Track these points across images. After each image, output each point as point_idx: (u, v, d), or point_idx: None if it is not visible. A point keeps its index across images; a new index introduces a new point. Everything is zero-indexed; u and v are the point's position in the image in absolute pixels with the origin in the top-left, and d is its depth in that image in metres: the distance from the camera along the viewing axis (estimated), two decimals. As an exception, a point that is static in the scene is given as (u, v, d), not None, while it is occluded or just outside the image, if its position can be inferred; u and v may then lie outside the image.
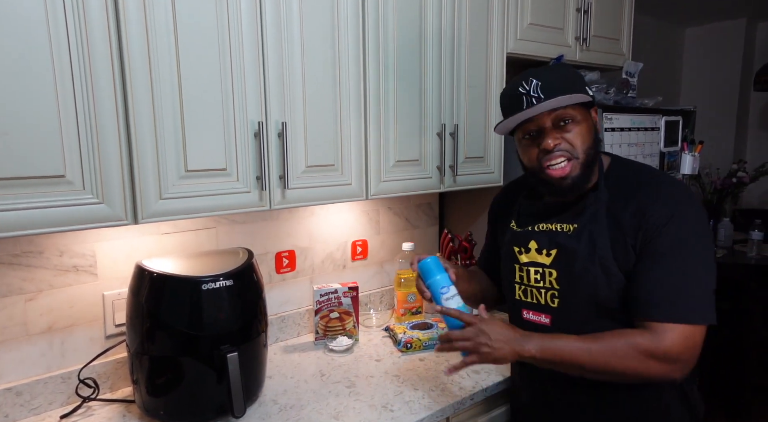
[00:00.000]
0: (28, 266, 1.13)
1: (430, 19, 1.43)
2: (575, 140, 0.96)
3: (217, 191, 1.09)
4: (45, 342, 1.17)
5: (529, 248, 1.06)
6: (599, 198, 0.98)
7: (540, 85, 0.94)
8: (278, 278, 1.56)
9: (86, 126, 0.92)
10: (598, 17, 1.90)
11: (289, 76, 1.18)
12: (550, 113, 0.95)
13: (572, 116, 0.96)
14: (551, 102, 0.92)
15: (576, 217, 1.00)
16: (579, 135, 0.96)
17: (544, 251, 1.03)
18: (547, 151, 0.96)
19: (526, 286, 1.07)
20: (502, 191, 1.29)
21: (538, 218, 1.06)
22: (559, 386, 1.06)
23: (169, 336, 1.06)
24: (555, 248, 1.02)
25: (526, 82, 0.95)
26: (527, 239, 1.06)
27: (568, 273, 1.00)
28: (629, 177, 1.01)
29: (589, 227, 0.98)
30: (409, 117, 1.42)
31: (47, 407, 1.16)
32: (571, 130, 0.96)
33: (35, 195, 0.88)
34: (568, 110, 0.95)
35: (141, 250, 1.29)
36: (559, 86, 0.94)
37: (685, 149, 1.90)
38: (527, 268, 1.07)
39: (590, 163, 0.98)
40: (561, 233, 1.01)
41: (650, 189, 0.96)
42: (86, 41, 0.91)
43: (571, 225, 1.00)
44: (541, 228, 1.05)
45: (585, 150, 0.97)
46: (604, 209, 0.97)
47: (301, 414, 1.14)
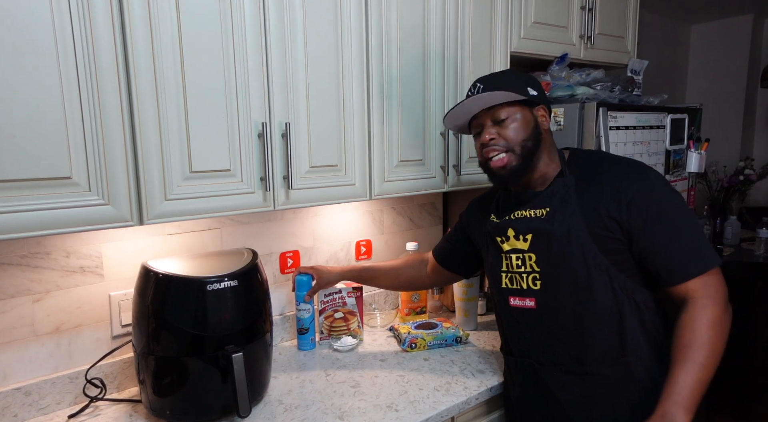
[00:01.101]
0: (35, 267, 1.15)
1: (434, 18, 1.43)
2: (510, 135, 1.06)
3: (222, 192, 1.10)
4: (52, 342, 1.18)
5: (508, 236, 1.12)
6: (567, 182, 1.07)
7: (481, 87, 1.07)
8: (283, 278, 1.57)
9: (92, 128, 0.93)
10: (602, 15, 1.90)
11: (293, 77, 1.18)
12: (487, 111, 1.08)
13: (507, 115, 1.07)
14: (477, 98, 1.05)
15: (547, 201, 1.08)
16: (514, 130, 1.07)
17: (521, 236, 1.10)
18: (484, 144, 1.09)
19: (512, 273, 1.13)
20: (468, 207, 1.36)
21: (513, 207, 1.14)
22: (550, 378, 1.11)
23: (174, 336, 1.07)
24: (530, 232, 1.09)
25: (473, 86, 1.10)
26: (506, 227, 1.13)
27: (547, 255, 1.07)
28: (591, 162, 1.11)
29: (561, 210, 1.05)
30: (412, 117, 1.42)
31: (55, 407, 1.18)
32: (508, 126, 1.07)
33: (42, 197, 0.89)
34: (502, 108, 1.06)
35: (146, 251, 1.30)
36: (496, 85, 1.06)
37: (691, 147, 1.89)
38: (510, 255, 1.13)
39: (528, 154, 1.07)
40: (534, 218, 1.08)
41: (615, 168, 1.07)
42: (91, 44, 0.91)
43: (543, 210, 1.08)
44: (516, 216, 1.12)
45: (520, 143, 1.07)
46: (573, 192, 1.06)
47: (306, 414, 1.14)
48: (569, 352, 1.08)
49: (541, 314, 1.09)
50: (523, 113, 1.08)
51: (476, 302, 1.64)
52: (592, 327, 1.05)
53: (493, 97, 1.05)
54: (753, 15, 3.28)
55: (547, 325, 1.09)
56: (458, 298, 1.64)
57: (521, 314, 1.13)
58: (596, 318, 1.05)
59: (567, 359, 1.09)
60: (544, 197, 1.09)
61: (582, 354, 1.07)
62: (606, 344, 1.06)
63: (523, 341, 1.15)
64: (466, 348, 1.49)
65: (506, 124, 1.07)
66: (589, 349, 1.06)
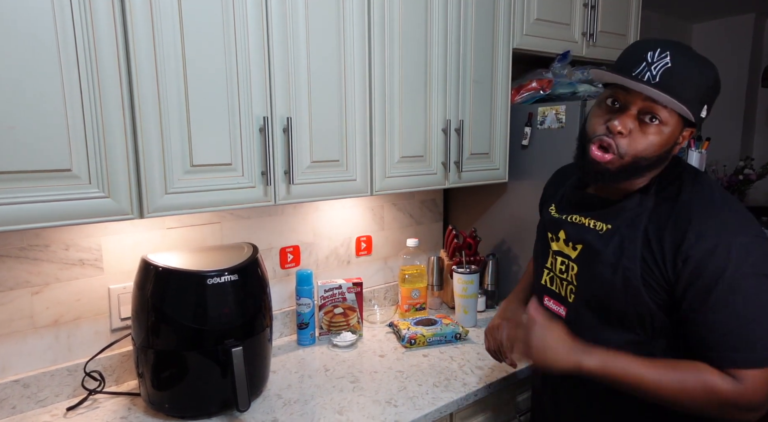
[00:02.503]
0: (34, 260, 1.14)
1: (436, 14, 1.42)
2: (638, 144, 0.87)
3: (222, 186, 1.10)
4: (51, 334, 1.18)
5: (559, 237, 1.03)
6: (643, 204, 0.90)
7: (668, 68, 0.83)
8: (282, 273, 1.57)
9: (92, 120, 0.92)
10: (605, 13, 1.89)
11: (295, 71, 1.17)
12: (645, 99, 0.85)
13: (662, 119, 0.86)
14: (655, 93, 0.82)
15: (612, 217, 0.93)
16: (647, 141, 0.86)
17: (571, 243, 0.99)
18: (609, 130, 0.88)
19: (554, 274, 1.05)
20: (553, 176, 1.23)
21: (575, 208, 1.01)
22: (571, 390, 1.03)
23: (174, 330, 1.07)
24: (581, 243, 0.97)
25: (659, 52, 0.84)
26: (558, 227, 1.03)
27: (588, 273, 0.95)
28: (689, 191, 0.89)
29: (623, 232, 0.90)
30: (414, 113, 1.42)
31: (54, 399, 1.17)
32: (646, 132, 0.87)
33: (42, 189, 0.89)
34: (664, 109, 0.85)
35: (146, 244, 1.30)
36: (682, 85, 0.83)
37: (692, 146, 1.88)
38: (556, 256, 1.04)
39: (633, 170, 0.88)
40: (591, 230, 0.96)
41: (707, 209, 0.85)
42: (92, 36, 0.91)
43: (605, 225, 0.94)
44: (573, 219, 1.00)
45: (636, 156, 0.87)
46: (645, 218, 0.89)
47: (305, 408, 1.14)
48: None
49: (569, 325, 0.96)
50: (675, 126, 0.87)
51: (476, 299, 1.64)
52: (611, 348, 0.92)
53: (668, 102, 0.83)
54: (754, 14, 3.27)
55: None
56: (458, 295, 1.64)
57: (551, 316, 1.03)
58: (619, 344, 0.91)
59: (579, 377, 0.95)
60: (612, 211, 0.93)
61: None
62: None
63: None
64: (466, 344, 1.49)
65: (647, 129, 0.86)
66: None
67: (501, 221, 1.80)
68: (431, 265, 1.80)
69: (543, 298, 1.08)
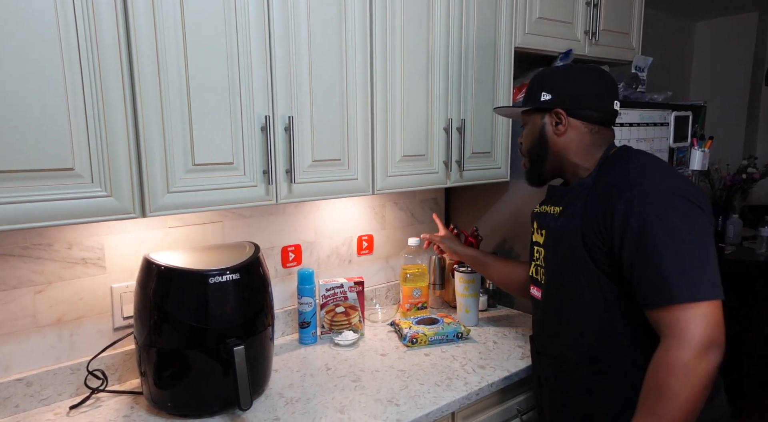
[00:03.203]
0: (37, 259, 1.14)
1: (438, 12, 1.42)
2: (523, 141, 1.17)
3: (224, 185, 1.10)
4: (54, 333, 1.18)
5: (534, 229, 1.19)
6: (583, 184, 1.04)
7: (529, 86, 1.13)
8: (284, 272, 1.57)
9: (95, 119, 0.93)
10: (607, 11, 1.88)
11: (296, 70, 1.17)
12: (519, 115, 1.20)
13: (524, 121, 1.16)
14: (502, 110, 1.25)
15: (561, 199, 1.09)
16: (524, 137, 1.16)
17: (541, 231, 1.15)
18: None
19: (535, 264, 1.19)
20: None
21: (544, 201, 1.18)
22: (540, 367, 1.18)
23: (176, 328, 1.07)
24: (544, 228, 1.12)
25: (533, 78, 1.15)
26: (534, 219, 1.19)
27: (549, 253, 1.10)
28: (620, 164, 1.02)
29: (567, 211, 1.05)
30: (415, 112, 1.42)
31: (57, 398, 1.18)
32: (522, 134, 1.17)
33: (44, 188, 0.89)
34: (522, 115, 1.17)
35: (148, 243, 1.30)
36: (528, 92, 1.13)
37: (695, 145, 1.88)
38: (535, 247, 1.19)
39: (536, 160, 1.13)
40: (549, 214, 1.11)
41: (631, 174, 0.96)
42: (94, 33, 0.91)
43: (557, 208, 1.09)
44: (540, 210, 1.17)
45: (527, 150, 1.16)
46: (585, 195, 1.02)
47: (307, 407, 1.15)
48: (555, 346, 1.12)
49: (544, 306, 1.14)
50: (533, 120, 1.13)
51: (477, 298, 1.64)
52: (584, 328, 1.03)
53: (511, 110, 1.20)
54: (758, 13, 3.26)
55: (546, 317, 1.14)
56: (460, 294, 1.64)
57: (535, 303, 1.20)
58: (586, 321, 1.03)
59: (553, 352, 1.12)
60: (560, 195, 1.10)
61: (564, 352, 1.09)
62: (588, 348, 1.03)
63: (534, 327, 1.23)
64: (467, 343, 1.49)
65: (523, 131, 1.17)
66: (572, 348, 1.07)
67: (502, 220, 1.79)
68: (433, 264, 1.80)
69: (530, 288, 1.22)
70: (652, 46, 2.98)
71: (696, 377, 0.83)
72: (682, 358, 0.83)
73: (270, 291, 1.21)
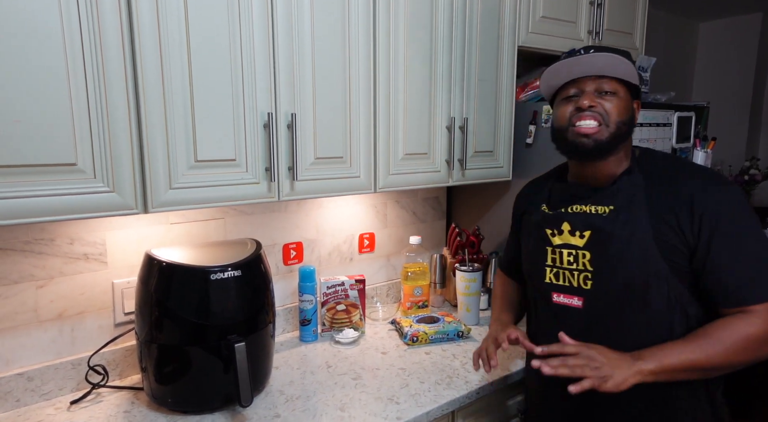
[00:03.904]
0: (39, 254, 1.15)
1: (442, 11, 1.42)
2: (611, 109, 0.98)
3: (226, 182, 1.10)
4: (55, 328, 1.18)
5: (562, 230, 1.05)
6: (635, 182, 0.99)
7: (594, 48, 0.98)
8: (285, 269, 1.57)
9: (98, 115, 0.93)
10: (611, 11, 1.88)
11: (299, 68, 1.17)
12: (594, 79, 0.99)
13: (615, 90, 0.98)
14: (600, 56, 0.96)
15: (611, 199, 1.00)
16: (616, 107, 0.98)
17: (578, 232, 1.03)
18: (581, 109, 0.98)
19: (559, 268, 1.06)
20: (527, 185, 1.28)
21: (570, 200, 1.06)
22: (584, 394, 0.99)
23: (177, 325, 1.07)
24: (588, 229, 1.01)
25: (584, 49, 1.00)
26: (560, 220, 1.06)
27: (603, 255, 0.99)
28: (665, 165, 1.02)
29: (627, 210, 0.97)
30: (418, 110, 1.42)
31: (57, 392, 1.18)
32: (610, 100, 0.98)
33: (47, 183, 0.89)
34: (612, 82, 0.98)
35: (150, 239, 1.30)
36: (614, 50, 0.98)
37: (698, 146, 1.87)
38: (560, 250, 1.06)
39: (619, 136, 0.99)
40: (595, 215, 1.01)
41: (694, 176, 0.97)
42: (98, 31, 0.91)
43: (606, 207, 1.00)
44: (574, 210, 1.05)
45: (617, 122, 0.98)
46: (642, 193, 0.97)
47: (307, 404, 1.15)
48: None
49: (587, 314, 1.01)
50: (626, 96, 1.01)
51: (478, 296, 1.64)
52: (638, 334, 0.97)
53: (618, 62, 0.96)
54: (762, 13, 3.25)
55: (590, 327, 1.01)
56: (460, 293, 1.63)
57: (564, 313, 1.05)
58: (645, 325, 0.97)
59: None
60: (608, 193, 1.01)
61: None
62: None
63: (555, 339, 1.03)
64: (468, 342, 1.49)
65: (609, 98, 0.99)
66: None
67: (504, 219, 1.79)
68: (434, 263, 1.80)
69: (551, 296, 1.07)
70: (656, 46, 2.97)
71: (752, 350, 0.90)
72: (761, 334, 0.89)
73: (271, 288, 1.22)
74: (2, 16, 0.82)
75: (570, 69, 1.00)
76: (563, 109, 1.03)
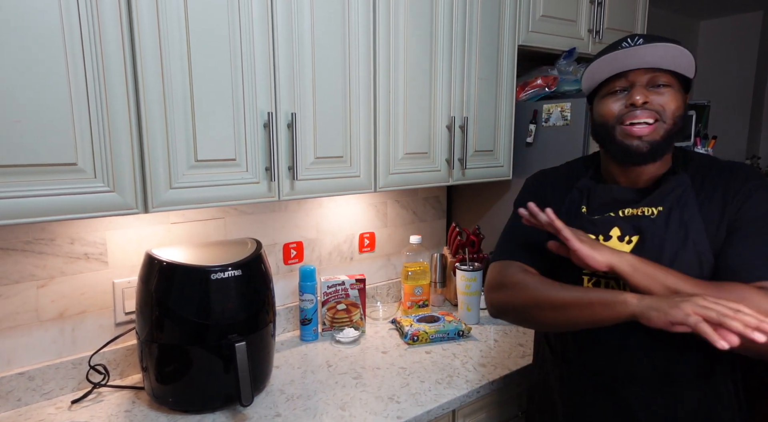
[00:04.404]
0: (40, 253, 1.15)
1: (442, 10, 1.42)
2: (668, 103, 0.90)
3: (227, 182, 1.10)
4: (56, 328, 1.19)
5: (610, 236, 0.96)
6: (682, 181, 0.92)
7: (645, 38, 0.89)
8: (286, 269, 1.57)
9: (98, 114, 0.93)
10: (611, 9, 1.88)
11: (299, 67, 1.17)
12: (646, 71, 0.90)
13: (670, 82, 0.90)
14: (661, 46, 0.87)
15: (659, 200, 0.93)
16: (673, 100, 0.90)
17: (627, 237, 0.94)
18: (634, 106, 0.90)
19: (600, 277, 0.97)
20: (545, 176, 1.14)
21: (618, 204, 0.97)
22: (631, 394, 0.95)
23: (177, 324, 1.07)
24: (636, 234, 0.93)
25: (629, 39, 0.91)
26: (609, 225, 0.96)
27: (656, 258, 0.90)
28: (703, 163, 0.97)
29: (679, 211, 0.91)
30: (418, 109, 1.42)
31: (59, 392, 1.18)
32: (665, 93, 0.90)
33: (47, 183, 0.89)
34: (667, 74, 0.90)
35: (150, 239, 1.30)
36: (668, 40, 0.89)
37: (699, 144, 1.87)
38: None
39: (674, 133, 0.91)
40: (644, 216, 0.93)
41: (735, 171, 0.93)
42: (98, 31, 0.91)
43: (655, 208, 0.93)
44: (625, 213, 0.95)
45: (674, 117, 0.90)
46: (691, 193, 0.91)
47: (308, 403, 1.15)
48: (656, 367, 0.93)
49: (635, 323, 0.89)
50: (679, 88, 0.92)
51: (479, 296, 1.64)
52: (687, 339, 0.87)
53: (680, 54, 0.87)
54: (762, 12, 3.25)
55: (638, 336, 0.92)
56: (461, 292, 1.64)
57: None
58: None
59: (653, 374, 0.93)
60: (657, 196, 0.93)
61: (671, 369, 0.92)
62: (697, 360, 0.92)
63: (599, 351, 0.97)
64: (468, 341, 1.49)
65: (663, 91, 0.90)
66: (680, 365, 0.92)
67: (504, 218, 1.78)
68: (434, 262, 1.80)
69: None
70: (656, 45, 2.96)
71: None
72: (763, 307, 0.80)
73: (272, 288, 1.22)
74: (2, 15, 0.82)
75: (624, 61, 0.90)
76: (609, 104, 0.93)
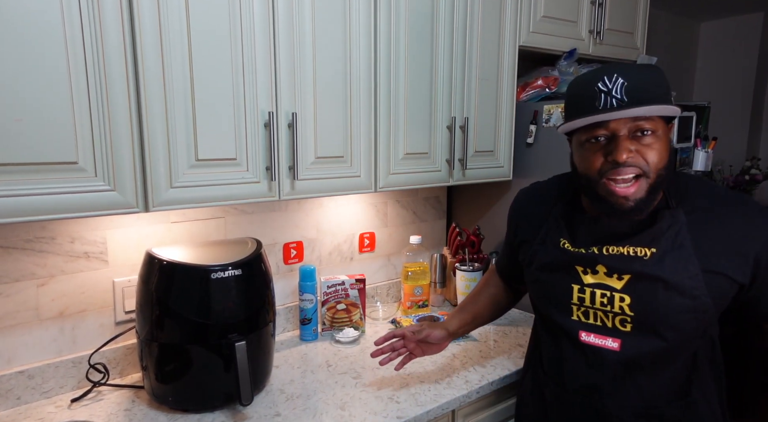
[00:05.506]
0: (40, 252, 1.15)
1: (443, 10, 1.42)
2: (651, 156, 0.84)
3: (227, 181, 1.10)
4: (56, 326, 1.19)
5: (597, 271, 0.93)
6: (677, 219, 0.88)
7: (626, 85, 0.81)
8: (286, 268, 1.57)
9: (99, 113, 0.93)
10: (612, 10, 1.88)
11: (300, 67, 1.17)
12: (628, 120, 0.83)
13: (653, 128, 0.83)
14: (639, 110, 0.80)
15: (651, 240, 0.88)
16: (656, 151, 0.84)
17: (615, 275, 0.91)
18: (617, 163, 0.83)
19: (588, 308, 0.95)
20: (525, 198, 1.14)
21: (603, 239, 0.93)
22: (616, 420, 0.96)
23: (178, 323, 1.07)
24: (628, 273, 0.90)
25: (608, 78, 0.82)
26: (593, 262, 0.93)
27: (651, 303, 0.89)
28: (699, 192, 0.92)
29: (673, 254, 0.87)
30: (419, 110, 1.42)
31: (58, 390, 1.18)
32: (649, 143, 0.83)
33: (48, 181, 0.89)
34: (650, 120, 0.83)
35: (151, 238, 1.30)
36: (648, 92, 0.81)
37: (699, 146, 1.87)
38: (592, 289, 0.94)
39: (658, 186, 0.86)
40: (636, 257, 0.89)
41: (735, 211, 0.88)
42: (99, 29, 0.91)
43: (648, 249, 0.88)
44: (610, 252, 0.91)
45: (657, 170, 0.85)
46: (686, 233, 0.87)
47: (307, 403, 1.15)
48: (642, 394, 0.93)
49: (624, 356, 0.92)
50: (664, 129, 0.86)
51: (478, 296, 1.64)
52: (669, 367, 0.92)
53: (658, 110, 0.81)
54: (763, 13, 3.25)
55: (625, 367, 0.93)
56: (461, 292, 1.64)
57: (596, 354, 0.95)
58: (675, 357, 0.92)
59: (638, 401, 0.93)
60: (647, 235, 0.89)
61: (653, 395, 0.93)
62: (675, 382, 0.93)
63: (585, 378, 0.97)
64: (468, 342, 1.49)
65: (647, 141, 0.83)
66: (662, 389, 0.93)
67: (504, 219, 1.79)
68: (434, 262, 1.80)
69: (578, 334, 0.97)
70: (657, 46, 2.97)
71: None
72: None
73: (272, 287, 1.22)
74: (3, 14, 0.82)
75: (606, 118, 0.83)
76: (590, 156, 0.87)
